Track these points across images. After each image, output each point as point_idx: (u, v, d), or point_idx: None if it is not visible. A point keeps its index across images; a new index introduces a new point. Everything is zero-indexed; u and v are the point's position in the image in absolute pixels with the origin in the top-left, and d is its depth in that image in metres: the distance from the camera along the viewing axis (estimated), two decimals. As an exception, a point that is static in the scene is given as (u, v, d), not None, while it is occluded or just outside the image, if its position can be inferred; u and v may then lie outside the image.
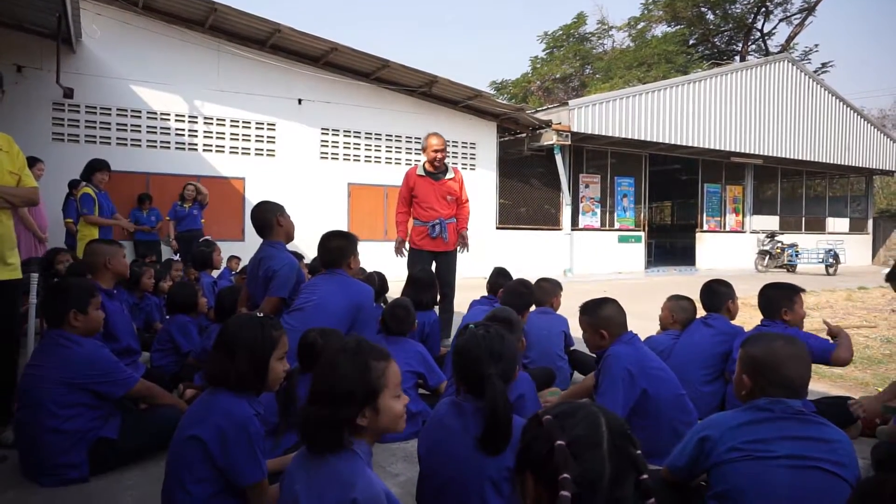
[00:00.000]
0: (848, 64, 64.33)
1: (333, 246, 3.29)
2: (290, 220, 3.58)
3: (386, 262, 6.29)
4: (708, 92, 15.52)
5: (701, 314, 3.59)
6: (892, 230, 20.91)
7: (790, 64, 17.47)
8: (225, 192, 10.57)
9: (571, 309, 3.29)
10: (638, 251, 15.79)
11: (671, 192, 23.77)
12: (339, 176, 11.72)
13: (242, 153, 10.89)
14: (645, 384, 2.52)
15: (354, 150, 11.93)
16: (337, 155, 11.75)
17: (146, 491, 2.40)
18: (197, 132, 10.49)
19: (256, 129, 10.97)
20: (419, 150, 5.55)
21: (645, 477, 0.96)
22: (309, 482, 1.46)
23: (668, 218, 27.77)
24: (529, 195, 14.45)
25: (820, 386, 4.08)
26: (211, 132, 10.59)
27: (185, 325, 3.93)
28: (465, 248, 5.24)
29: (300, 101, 11.24)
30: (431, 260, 5.08)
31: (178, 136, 10.33)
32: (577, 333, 3.20)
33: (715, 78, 15.87)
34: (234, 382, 1.90)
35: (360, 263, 3.49)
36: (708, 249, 17.01)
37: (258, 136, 11.00)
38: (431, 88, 11.96)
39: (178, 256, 8.01)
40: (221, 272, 6.36)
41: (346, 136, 11.80)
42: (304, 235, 4.58)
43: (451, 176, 5.14)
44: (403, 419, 1.56)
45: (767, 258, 15.68)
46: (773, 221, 18.57)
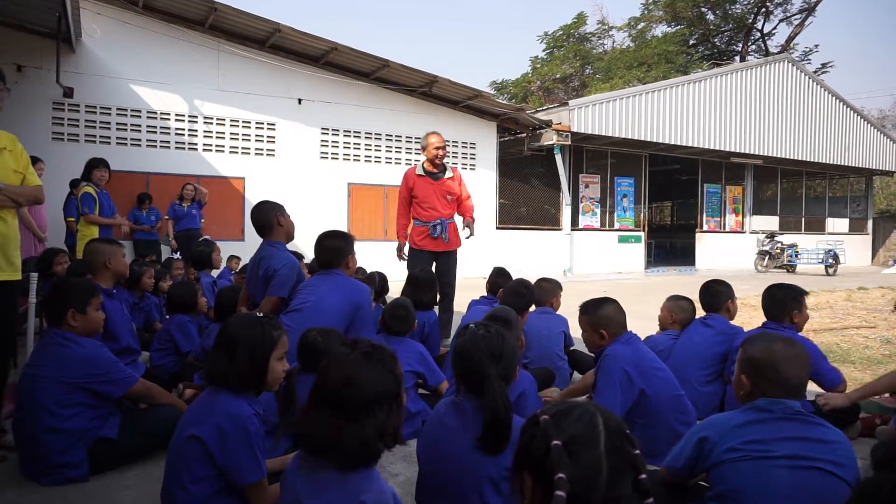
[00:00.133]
0: (848, 64, 64.41)
1: (330, 246, 3.28)
2: (290, 219, 3.58)
3: (386, 261, 6.30)
4: (708, 92, 15.52)
5: (700, 314, 3.59)
6: (891, 230, 20.91)
7: (790, 64, 17.47)
8: (225, 191, 10.57)
9: (571, 309, 3.29)
10: (638, 251, 15.79)
11: (671, 192, 23.77)
12: (339, 176, 11.72)
13: (242, 153, 10.88)
14: (643, 384, 2.52)
15: (354, 149, 11.92)
16: (337, 155, 11.75)
17: (146, 490, 2.40)
18: (197, 132, 10.49)
19: (256, 128, 10.97)
20: (419, 149, 5.54)
21: (644, 477, 0.96)
22: (312, 484, 1.43)
23: (667, 218, 27.78)
24: (529, 195, 14.45)
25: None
26: (211, 132, 10.59)
27: (184, 324, 3.93)
28: (471, 232, 5.18)
29: (300, 100, 11.24)
30: (432, 260, 5.08)
31: (177, 135, 10.33)
32: (576, 333, 3.20)
33: (715, 78, 15.87)
34: (233, 382, 1.90)
35: (357, 263, 3.48)
36: (708, 249, 17.01)
37: (258, 135, 11.00)
38: (431, 88, 11.96)
39: (178, 255, 8.01)
40: (221, 272, 6.37)
41: (346, 135, 11.80)
42: (304, 235, 4.58)
43: (449, 175, 5.16)
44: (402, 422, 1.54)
45: (767, 258, 15.67)
46: (772, 222, 18.57)
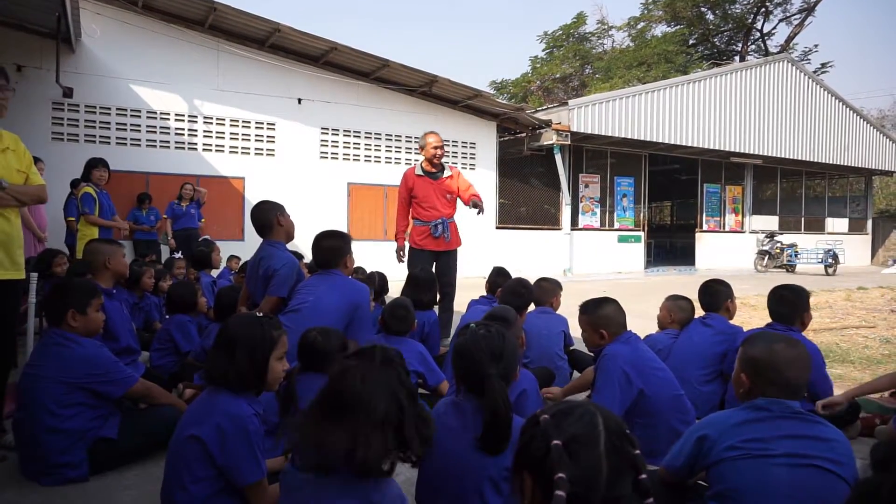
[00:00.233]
0: (847, 64, 64.42)
1: (328, 246, 3.27)
2: (290, 219, 3.57)
3: (385, 261, 6.29)
4: (707, 92, 15.52)
5: (699, 314, 3.59)
6: (891, 230, 20.92)
7: (790, 64, 17.47)
8: (225, 191, 10.57)
9: (571, 308, 3.29)
10: (637, 251, 15.79)
11: (671, 191, 23.77)
12: (338, 175, 11.72)
13: (242, 153, 10.88)
14: (642, 384, 2.52)
15: (354, 149, 11.92)
16: (337, 154, 11.75)
17: (145, 490, 2.40)
18: (196, 132, 10.49)
19: (256, 128, 10.97)
20: (419, 149, 5.53)
21: (644, 477, 0.96)
22: (318, 484, 1.38)
23: (667, 218, 27.78)
24: (529, 195, 14.45)
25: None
26: (210, 132, 10.59)
27: (184, 324, 3.93)
28: (480, 209, 5.06)
29: (300, 100, 11.24)
30: (432, 259, 5.08)
31: (177, 135, 10.33)
32: (576, 333, 3.20)
33: (714, 78, 15.87)
34: (233, 382, 1.91)
35: (354, 262, 3.48)
36: (707, 249, 17.01)
37: (258, 135, 11.00)
38: (431, 88, 11.96)
39: (179, 254, 8.00)
40: (221, 272, 6.37)
41: (345, 135, 11.80)
42: (304, 235, 4.57)
43: (448, 174, 5.14)
44: None
45: (767, 258, 15.68)
46: (772, 221, 18.58)
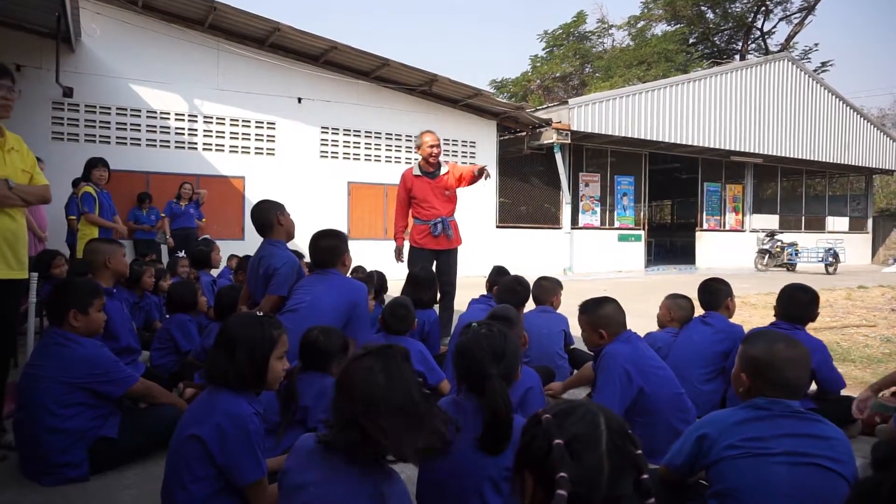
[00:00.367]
0: (847, 63, 64.39)
1: (326, 246, 3.27)
2: (290, 218, 3.57)
3: (385, 260, 6.28)
4: (708, 91, 15.51)
5: (699, 313, 3.59)
6: (891, 229, 20.91)
7: (790, 63, 17.46)
8: (225, 191, 10.57)
9: (571, 308, 3.29)
10: (638, 250, 15.79)
11: (671, 190, 23.75)
12: (338, 174, 11.71)
13: (242, 152, 10.88)
14: (642, 382, 2.52)
15: (354, 148, 11.92)
16: (337, 154, 11.75)
17: (146, 490, 2.41)
18: (197, 131, 10.48)
19: (256, 127, 10.96)
20: (415, 148, 5.51)
21: (645, 477, 0.96)
22: (327, 477, 1.43)
23: (667, 217, 27.77)
24: (529, 194, 14.44)
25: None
26: (211, 131, 10.59)
27: (184, 323, 3.93)
28: (487, 174, 5.02)
29: (300, 99, 11.23)
30: (432, 258, 5.07)
31: (177, 135, 10.32)
32: (577, 332, 3.20)
33: (715, 77, 15.86)
34: (233, 381, 1.91)
35: (352, 261, 3.47)
36: (708, 248, 17.01)
37: (258, 134, 11.00)
38: (431, 87, 11.95)
39: (182, 253, 8.00)
40: (221, 271, 6.36)
41: (345, 134, 11.79)
42: (304, 234, 4.54)
43: (444, 171, 5.11)
44: None
45: (767, 257, 15.67)
46: (772, 220, 18.57)
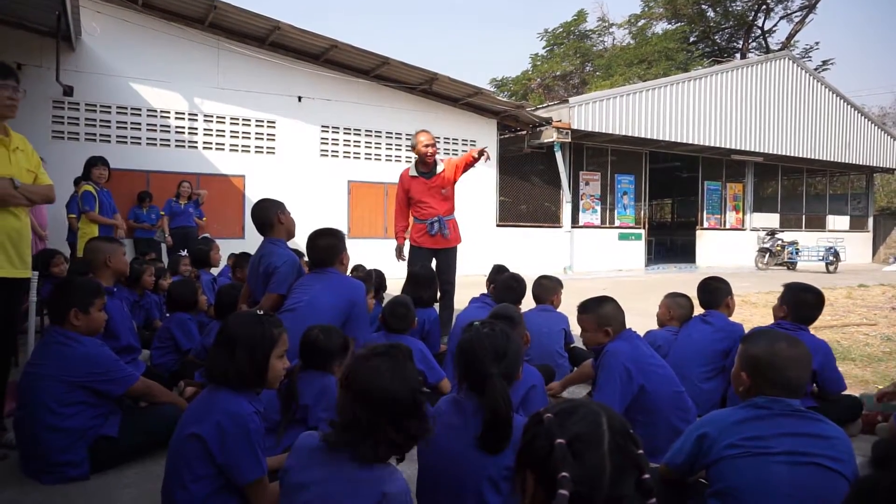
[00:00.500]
0: (848, 62, 64.29)
1: (324, 245, 3.25)
2: (290, 217, 3.56)
3: (386, 259, 6.29)
4: (708, 89, 15.49)
5: (698, 311, 3.59)
6: (892, 228, 20.89)
7: (791, 61, 17.43)
8: (225, 189, 10.57)
9: (572, 307, 3.28)
10: (638, 249, 15.78)
11: (671, 189, 23.74)
12: (339, 173, 11.71)
13: (242, 151, 10.88)
14: (643, 380, 2.53)
15: (354, 147, 11.91)
16: (337, 152, 11.74)
17: (146, 489, 2.41)
18: (197, 130, 10.48)
19: (256, 126, 10.96)
20: (410, 148, 5.49)
21: (647, 476, 0.96)
22: (329, 476, 1.45)
23: (668, 215, 27.75)
24: (530, 192, 14.43)
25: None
26: (211, 130, 10.58)
27: (185, 322, 3.93)
28: (487, 156, 5.00)
29: (300, 98, 11.22)
30: (431, 257, 5.07)
31: (177, 133, 10.32)
32: (577, 331, 3.19)
33: (715, 75, 15.84)
34: (234, 380, 1.91)
35: (350, 259, 3.47)
36: (708, 247, 17.00)
37: (258, 133, 10.99)
38: (431, 86, 11.94)
39: (184, 252, 7.99)
40: (221, 270, 6.36)
41: (346, 133, 11.79)
42: (304, 233, 4.55)
43: (441, 169, 5.07)
44: None
45: (768, 256, 15.67)
46: (773, 219, 18.55)
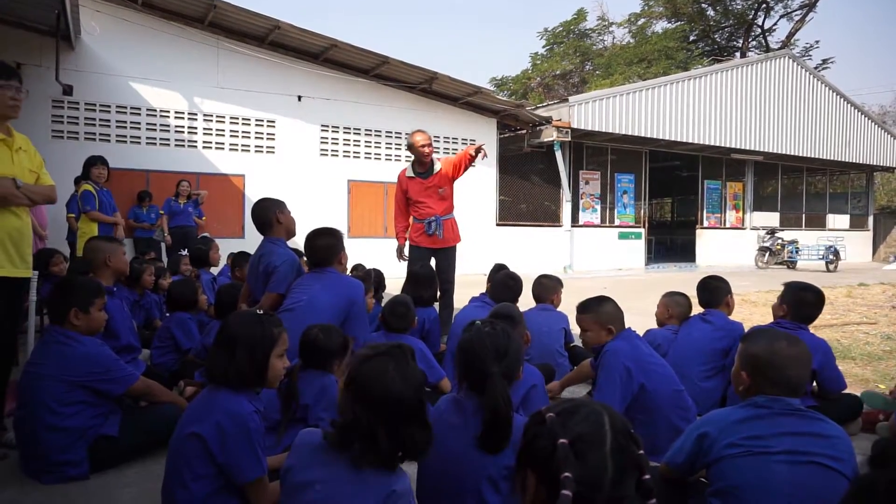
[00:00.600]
0: (848, 60, 64.28)
1: (322, 244, 3.25)
2: (290, 216, 3.56)
3: (386, 258, 6.29)
4: (708, 88, 15.49)
5: (698, 310, 3.59)
6: (892, 227, 20.89)
7: (791, 60, 17.43)
8: (225, 189, 10.56)
9: (572, 306, 3.28)
10: (638, 248, 15.78)
11: (671, 188, 23.73)
12: (338, 172, 11.71)
13: (242, 150, 10.87)
14: (643, 379, 2.53)
15: (354, 146, 11.91)
16: (337, 151, 11.74)
17: (146, 488, 2.41)
18: (196, 129, 10.48)
19: (256, 125, 10.96)
20: (406, 148, 5.47)
21: (647, 477, 0.96)
22: (334, 475, 1.46)
23: (668, 214, 27.75)
24: (529, 192, 14.42)
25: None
26: (210, 129, 10.58)
27: (185, 322, 3.93)
28: (483, 153, 4.92)
29: (300, 97, 11.22)
30: (430, 256, 5.07)
31: (177, 133, 10.31)
32: (577, 330, 3.19)
33: (715, 74, 15.83)
34: (234, 380, 1.90)
35: (348, 258, 3.47)
36: (708, 246, 17.00)
37: (258, 132, 10.99)
38: (431, 85, 11.93)
39: (185, 251, 7.98)
40: (221, 269, 6.35)
41: (345, 132, 11.78)
42: (304, 232, 4.56)
43: (437, 168, 5.04)
44: None
45: (768, 255, 15.67)
46: (773, 218, 18.55)
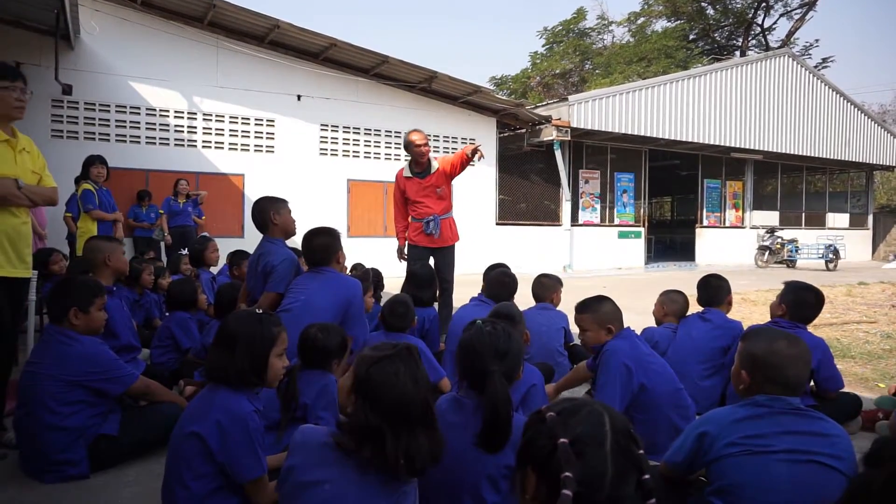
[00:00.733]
0: (848, 59, 64.28)
1: (320, 244, 3.23)
2: (288, 216, 3.53)
3: (386, 258, 6.29)
4: (708, 87, 15.48)
5: (697, 309, 3.59)
6: (892, 225, 20.90)
7: (790, 59, 17.42)
8: (224, 188, 10.56)
9: (571, 305, 3.28)
10: (638, 247, 15.78)
11: (671, 187, 23.73)
12: (338, 172, 11.70)
13: (242, 149, 10.87)
14: (643, 378, 2.53)
15: (354, 146, 11.90)
16: (336, 151, 11.73)
17: (146, 487, 2.41)
18: (196, 129, 10.47)
19: (256, 125, 10.95)
20: (403, 148, 5.47)
21: (647, 477, 0.96)
22: (344, 475, 1.48)
23: (667, 213, 27.77)
24: (529, 191, 14.42)
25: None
26: (210, 128, 10.57)
27: (184, 321, 3.93)
28: (480, 154, 4.88)
29: (299, 97, 11.21)
30: (428, 255, 5.06)
31: (177, 132, 10.31)
32: (577, 329, 3.19)
33: (715, 73, 15.83)
34: (233, 379, 1.91)
35: (346, 258, 3.47)
36: (708, 245, 17.00)
37: (257, 132, 10.98)
38: (431, 84, 11.92)
39: (185, 251, 7.97)
40: (221, 268, 6.35)
41: (345, 132, 11.78)
42: (304, 232, 4.57)
43: (435, 168, 5.02)
44: None
45: (767, 253, 15.67)
46: (773, 217, 18.55)
